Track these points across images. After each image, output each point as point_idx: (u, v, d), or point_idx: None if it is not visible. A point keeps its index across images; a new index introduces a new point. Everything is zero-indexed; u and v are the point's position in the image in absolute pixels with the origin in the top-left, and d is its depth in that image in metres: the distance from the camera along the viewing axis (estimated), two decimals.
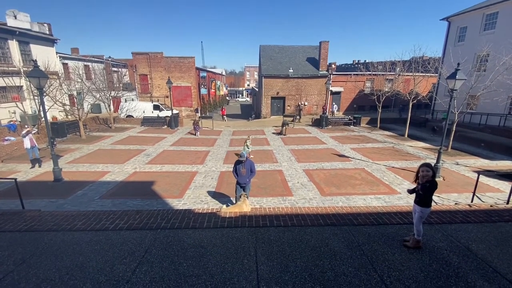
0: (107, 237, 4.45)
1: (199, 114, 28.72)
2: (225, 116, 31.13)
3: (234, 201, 7.43)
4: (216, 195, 8.69)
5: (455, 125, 13.97)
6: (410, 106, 18.15)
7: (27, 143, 11.07)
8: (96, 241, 4.31)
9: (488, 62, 17.05)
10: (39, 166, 11.39)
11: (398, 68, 21.60)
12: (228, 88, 78.76)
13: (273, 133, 20.28)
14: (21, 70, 18.00)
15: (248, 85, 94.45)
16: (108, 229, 4.73)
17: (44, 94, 14.98)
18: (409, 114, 18.37)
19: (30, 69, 9.06)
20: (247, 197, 6.20)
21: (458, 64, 9.54)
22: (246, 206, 5.79)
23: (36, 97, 16.92)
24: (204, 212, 5.60)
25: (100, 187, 9.26)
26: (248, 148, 13.22)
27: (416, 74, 18.65)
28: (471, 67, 16.28)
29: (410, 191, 4.31)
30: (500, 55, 13.82)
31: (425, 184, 3.98)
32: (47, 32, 22.48)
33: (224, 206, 6.31)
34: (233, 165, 7.20)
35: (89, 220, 5.08)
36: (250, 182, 7.25)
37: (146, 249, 4.10)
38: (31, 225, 4.99)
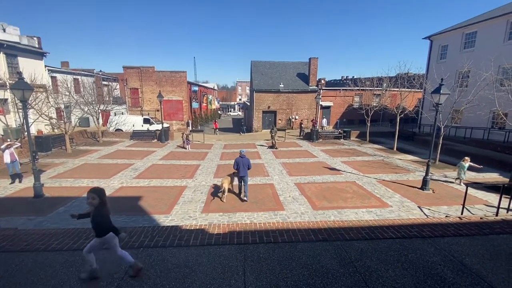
0: (85, 257, 4.14)
1: (190, 128, 28.55)
2: (217, 130, 31.06)
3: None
4: (206, 210, 8.41)
5: (441, 138, 14.29)
6: (398, 120, 18.56)
7: (6, 158, 10.59)
8: (72, 262, 4.00)
9: (470, 78, 17.81)
10: (20, 182, 10.85)
11: (385, 84, 22.29)
12: (220, 102, 79.25)
13: (264, 146, 20.24)
14: (7, 82, 17.60)
15: (240, 99, 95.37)
16: None
17: (29, 106, 14.64)
18: (397, 128, 18.75)
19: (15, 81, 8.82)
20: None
21: (442, 79, 9.88)
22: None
23: (20, 110, 16.46)
24: (192, 228, 5.35)
25: (83, 203, 8.82)
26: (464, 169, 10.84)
27: (402, 89, 19.25)
28: (454, 82, 16.96)
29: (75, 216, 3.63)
30: (481, 71, 14.46)
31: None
32: (37, 46, 22.30)
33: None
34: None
35: (67, 239, 4.75)
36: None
37: (126, 270, 3.82)
38: (2, 245, 4.62)
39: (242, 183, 9.24)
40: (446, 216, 7.47)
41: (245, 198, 9.15)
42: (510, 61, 15.96)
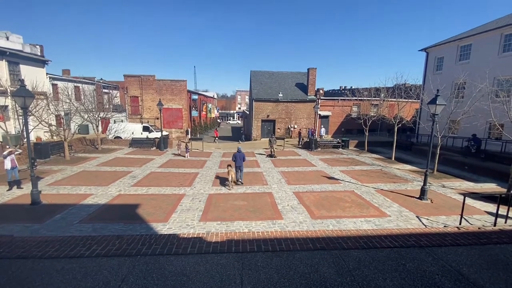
0: (81, 265, 4.11)
1: (189, 136, 28.63)
2: (216, 138, 31.15)
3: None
4: (203, 219, 8.37)
5: (439, 148, 14.40)
6: (396, 130, 18.72)
7: (7, 164, 10.60)
8: (68, 270, 3.97)
9: (465, 89, 18.09)
10: (17, 188, 10.81)
11: (383, 94, 22.59)
12: (220, 111, 79.67)
13: (263, 155, 20.28)
14: (8, 89, 17.73)
15: (239, 108, 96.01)
16: (83, 256, 4.39)
17: (29, 113, 14.72)
18: (395, 138, 18.88)
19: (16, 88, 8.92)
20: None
21: (438, 90, 10.07)
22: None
23: (20, 117, 16.53)
24: (189, 237, 5.33)
25: (81, 211, 8.80)
26: None
27: (400, 100, 19.51)
28: (450, 93, 17.18)
29: None
30: (476, 82, 14.72)
31: None
32: (39, 54, 22.58)
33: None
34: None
35: (63, 246, 4.73)
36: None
37: (123, 278, 3.80)
38: None
39: (239, 171, 12.18)
40: (444, 226, 7.48)
41: (239, 182, 12.15)
42: (504, 73, 16.27)
